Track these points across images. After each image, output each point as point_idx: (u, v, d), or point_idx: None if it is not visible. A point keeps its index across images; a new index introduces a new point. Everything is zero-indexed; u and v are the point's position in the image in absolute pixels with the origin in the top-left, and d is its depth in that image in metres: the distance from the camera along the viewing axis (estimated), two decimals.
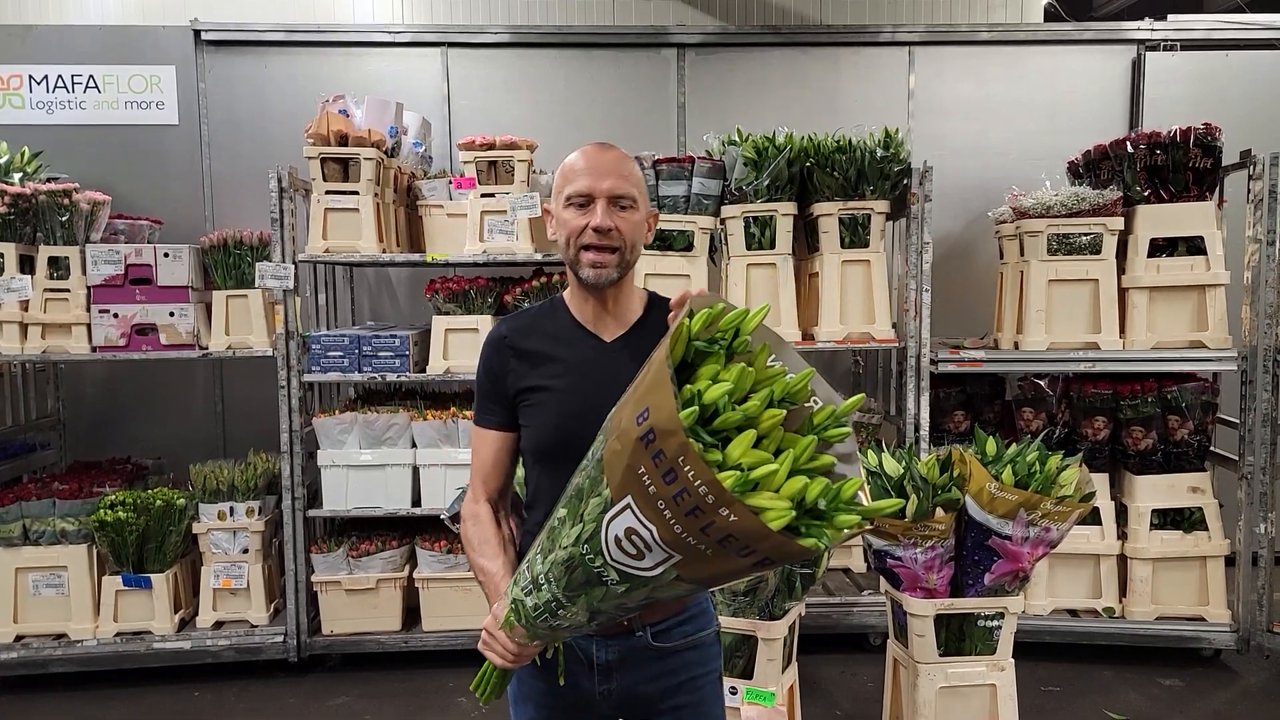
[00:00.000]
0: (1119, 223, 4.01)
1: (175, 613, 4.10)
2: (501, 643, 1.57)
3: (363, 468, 4.12)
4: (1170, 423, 4.13)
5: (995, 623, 2.90)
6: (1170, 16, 5.31)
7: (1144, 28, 5.20)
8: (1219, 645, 4.08)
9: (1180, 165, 3.99)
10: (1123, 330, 4.07)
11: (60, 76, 4.97)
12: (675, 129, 5.21)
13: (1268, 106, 5.19)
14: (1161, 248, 4.07)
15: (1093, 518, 4.11)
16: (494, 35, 5.18)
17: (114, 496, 4.03)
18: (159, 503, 4.01)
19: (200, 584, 4.16)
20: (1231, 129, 4.10)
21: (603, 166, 1.69)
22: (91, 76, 4.98)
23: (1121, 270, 4.09)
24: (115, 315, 4.04)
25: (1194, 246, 4.04)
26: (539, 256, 4.14)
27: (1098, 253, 4.03)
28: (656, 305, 1.81)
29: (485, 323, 4.13)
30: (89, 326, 4.06)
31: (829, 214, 4.05)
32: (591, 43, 5.17)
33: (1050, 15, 6.34)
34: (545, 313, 1.82)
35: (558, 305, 1.82)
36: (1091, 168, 4.30)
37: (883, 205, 4.07)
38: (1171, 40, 5.20)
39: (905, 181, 4.08)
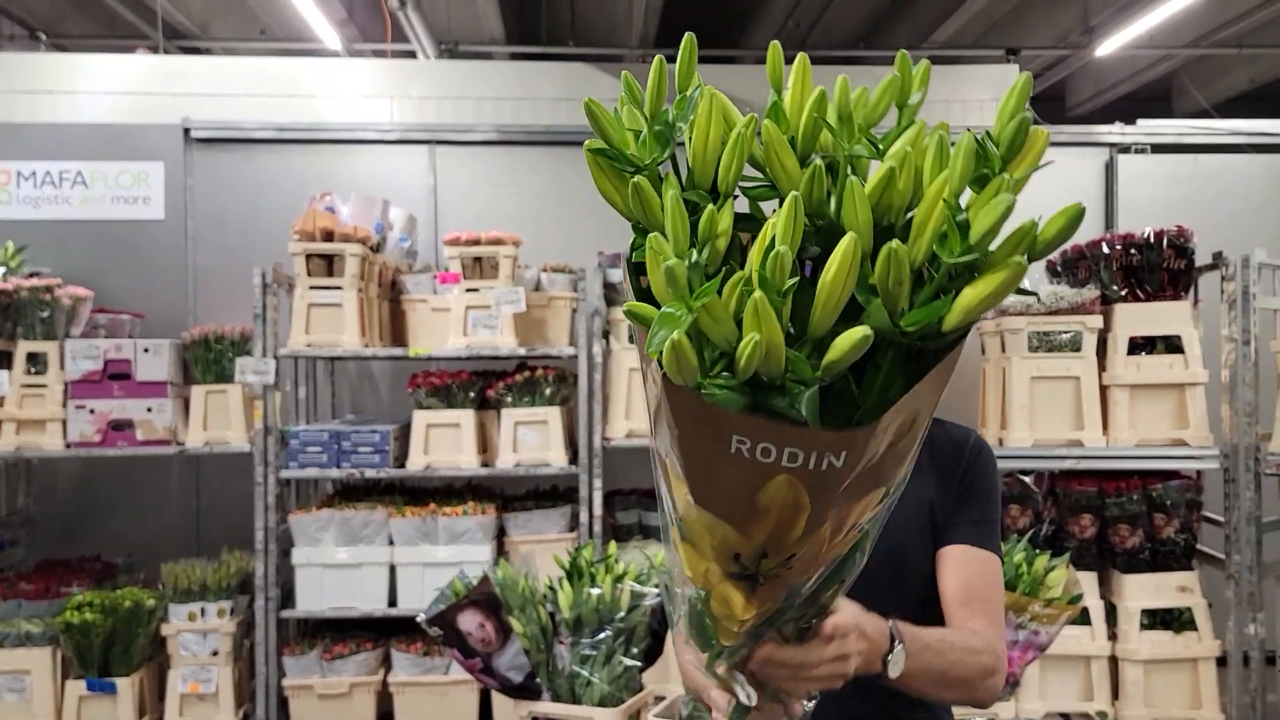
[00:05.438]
0: (1098, 321, 4.06)
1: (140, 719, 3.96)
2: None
3: (339, 566, 4.03)
4: (1156, 520, 4.11)
5: None
6: (1140, 121, 5.46)
7: (1115, 131, 5.35)
8: None
9: (1155, 265, 4.06)
10: (1106, 427, 4.08)
11: (49, 172, 5.01)
12: None
13: (1238, 208, 5.31)
14: (1141, 345, 4.11)
15: (1083, 618, 4.04)
16: (482, 134, 5.27)
17: (81, 597, 3.91)
18: (127, 603, 3.90)
19: (166, 689, 4.03)
20: (1204, 230, 4.17)
21: None
22: (79, 172, 5.02)
23: (1102, 368, 4.12)
24: (92, 411, 3.99)
25: (1172, 345, 4.07)
26: (522, 351, 4.14)
27: (1078, 350, 4.06)
28: None
29: (467, 417, 4.10)
30: (64, 422, 4.01)
31: None
32: (577, 141, 5.26)
33: None
34: None
35: None
36: (1069, 267, 4.37)
37: None
38: (1142, 144, 5.34)
39: None
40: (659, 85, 0.98)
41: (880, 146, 0.98)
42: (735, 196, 0.94)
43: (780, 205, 0.93)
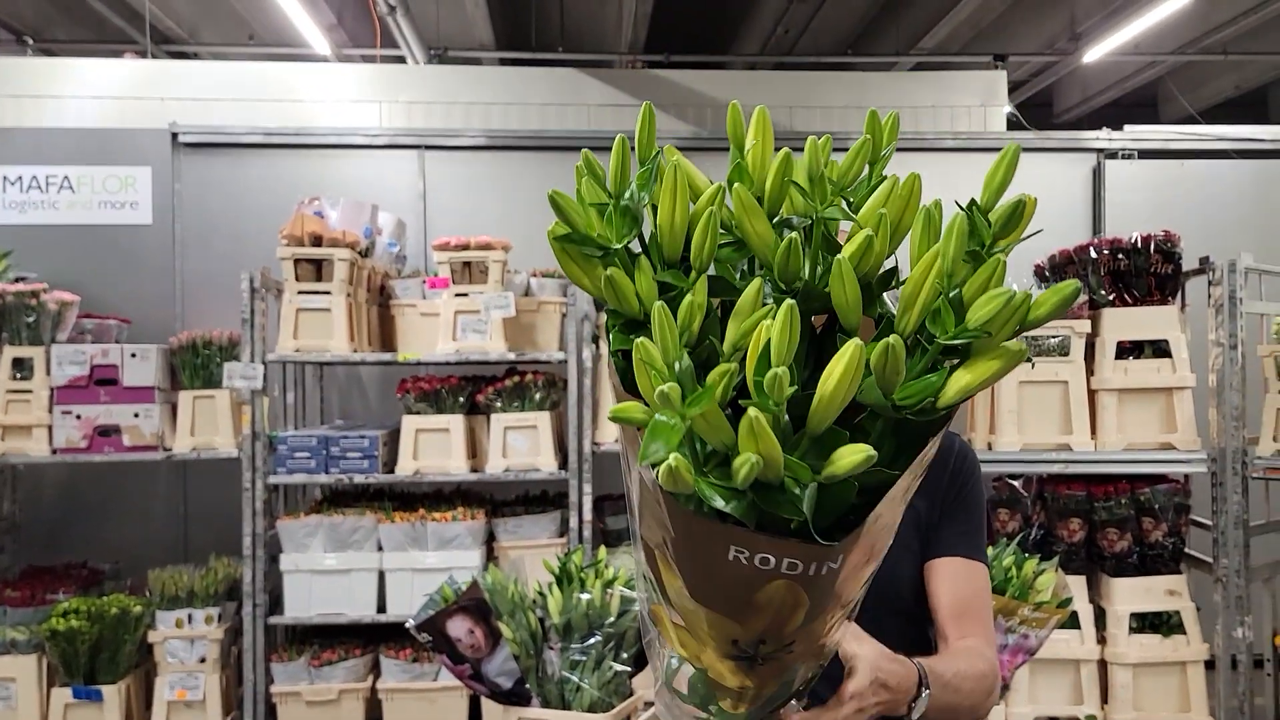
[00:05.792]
0: (1086, 326, 4.07)
1: None
2: None
3: (327, 572, 4.01)
4: (1144, 524, 4.12)
5: None
6: (1126, 127, 5.49)
7: (1102, 137, 5.37)
8: None
9: (1142, 270, 4.08)
10: (1094, 431, 4.09)
11: (35, 177, 4.98)
12: None
13: (1223, 213, 5.34)
14: (1128, 350, 4.12)
15: (1072, 621, 4.05)
16: (471, 139, 5.27)
17: (67, 604, 3.89)
18: (114, 610, 3.87)
19: (154, 696, 4.00)
20: (1190, 234, 4.19)
21: None
22: (66, 177, 5.00)
23: (1090, 372, 4.13)
24: (78, 417, 3.97)
25: (1159, 349, 4.09)
26: (512, 356, 4.14)
27: (1066, 354, 4.07)
28: None
29: (456, 422, 4.09)
30: (50, 428, 3.98)
31: None
32: (566, 146, 5.27)
33: (1012, 124, 6.56)
34: None
35: None
36: (1057, 271, 4.38)
37: None
38: (1129, 149, 5.36)
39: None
40: (623, 163, 0.95)
41: (851, 200, 0.97)
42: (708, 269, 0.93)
43: (752, 267, 0.95)
